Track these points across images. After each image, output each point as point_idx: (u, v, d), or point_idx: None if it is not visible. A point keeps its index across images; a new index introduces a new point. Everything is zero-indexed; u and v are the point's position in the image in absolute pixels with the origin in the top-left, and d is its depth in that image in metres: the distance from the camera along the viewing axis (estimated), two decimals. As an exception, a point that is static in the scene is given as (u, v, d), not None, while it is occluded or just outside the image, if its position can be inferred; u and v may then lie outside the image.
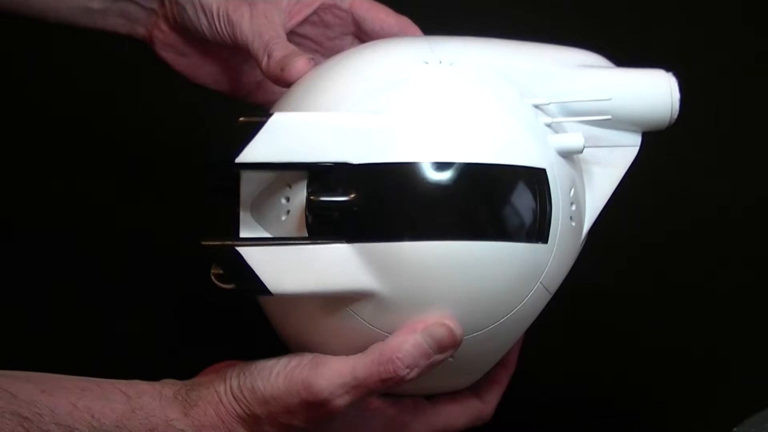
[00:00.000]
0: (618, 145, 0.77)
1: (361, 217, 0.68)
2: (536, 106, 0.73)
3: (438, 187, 0.68)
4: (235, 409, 0.72)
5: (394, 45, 0.76)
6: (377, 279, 0.69)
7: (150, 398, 0.72)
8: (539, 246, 0.70)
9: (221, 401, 0.72)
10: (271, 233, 0.72)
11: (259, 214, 0.73)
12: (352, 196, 0.69)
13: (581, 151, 0.72)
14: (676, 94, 0.76)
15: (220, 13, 0.81)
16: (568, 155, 0.73)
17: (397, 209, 0.68)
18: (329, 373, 0.70)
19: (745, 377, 1.01)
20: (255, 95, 0.88)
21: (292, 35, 0.83)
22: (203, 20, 0.82)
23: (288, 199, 0.71)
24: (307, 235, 0.70)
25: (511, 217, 0.69)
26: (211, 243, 0.69)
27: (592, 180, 0.76)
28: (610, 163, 0.77)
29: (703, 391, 1.01)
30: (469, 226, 0.68)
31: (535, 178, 0.70)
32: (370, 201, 0.69)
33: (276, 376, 0.71)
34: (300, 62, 0.77)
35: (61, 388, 0.71)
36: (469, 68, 0.73)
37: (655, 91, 0.76)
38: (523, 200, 0.70)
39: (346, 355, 0.71)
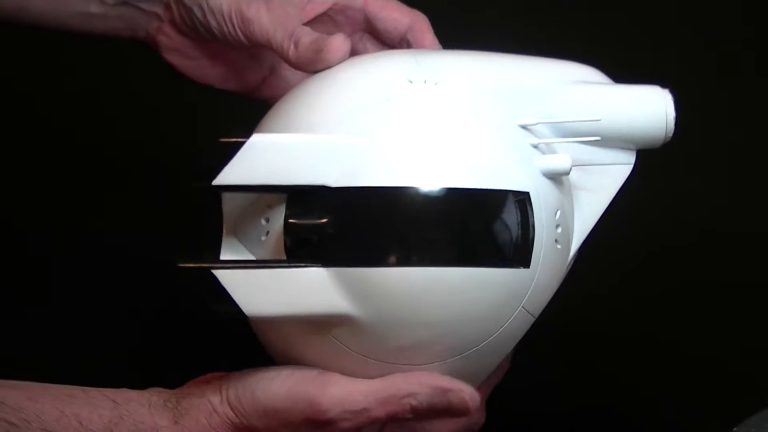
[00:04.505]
0: (611, 163, 0.75)
1: (337, 241, 0.67)
2: (524, 127, 0.72)
3: (416, 212, 0.67)
4: (231, 420, 0.71)
5: (380, 62, 0.74)
6: (353, 303, 0.68)
7: (138, 405, 0.71)
8: (521, 271, 0.69)
9: (215, 410, 0.71)
10: (252, 253, 0.71)
11: (241, 233, 0.72)
12: (329, 219, 0.68)
13: (568, 173, 0.71)
14: (672, 112, 0.74)
15: (232, 13, 0.80)
16: (555, 176, 0.71)
17: (373, 235, 0.67)
18: (338, 394, 0.69)
19: (744, 377, 1.01)
20: (260, 92, 0.87)
21: None
22: (212, 21, 0.81)
23: (268, 220, 0.70)
24: (285, 256, 0.69)
25: (491, 242, 0.68)
26: (187, 265, 0.69)
27: (582, 199, 0.75)
28: (602, 182, 0.75)
29: (703, 391, 1.01)
30: (447, 252, 0.67)
31: (518, 203, 0.69)
32: (346, 225, 0.67)
33: (279, 387, 0.70)
34: (337, 41, 0.75)
35: (48, 396, 0.70)
36: (454, 87, 0.71)
37: (649, 109, 0.74)
38: (504, 225, 0.68)
39: None
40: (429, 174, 0.67)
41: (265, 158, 0.68)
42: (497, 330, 0.70)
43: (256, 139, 0.68)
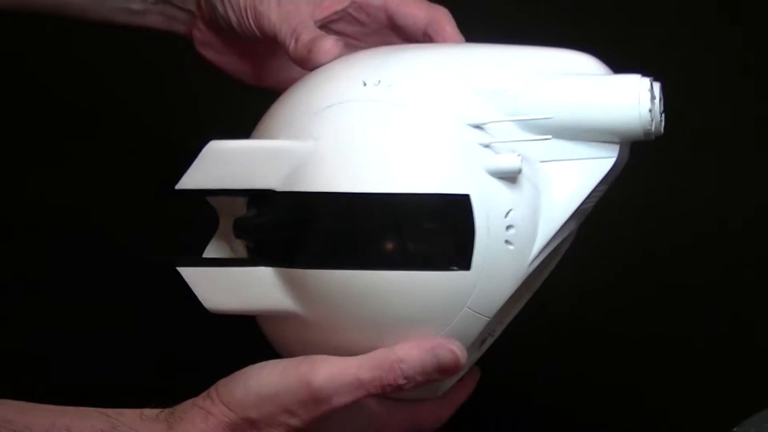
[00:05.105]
0: (590, 157, 0.73)
1: (279, 242, 0.71)
2: (477, 126, 0.71)
3: (350, 217, 0.69)
4: (228, 417, 0.71)
5: (346, 64, 0.75)
6: (296, 302, 0.71)
7: (131, 418, 0.71)
8: (462, 273, 0.69)
9: (210, 412, 0.71)
10: (234, 251, 0.75)
11: (227, 231, 0.75)
12: (270, 222, 0.71)
13: (518, 172, 0.70)
14: (646, 102, 0.71)
15: (247, 6, 0.82)
16: (506, 176, 0.70)
17: (309, 238, 0.69)
18: (329, 370, 0.70)
19: (745, 377, 1.01)
20: None
21: (327, 31, 0.82)
22: (232, 16, 0.83)
23: None
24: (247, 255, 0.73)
25: (425, 246, 0.68)
26: (154, 260, 0.73)
27: (554, 196, 0.73)
28: (578, 177, 0.73)
29: (703, 391, 1.01)
30: (383, 256, 0.68)
31: (455, 206, 0.69)
32: (285, 228, 0.70)
33: (269, 374, 0.71)
34: (327, 43, 0.77)
35: (39, 410, 0.71)
36: (406, 89, 0.71)
37: (619, 98, 0.72)
38: (440, 229, 0.69)
39: None
40: (363, 179, 0.69)
41: (220, 164, 0.71)
42: (443, 329, 0.70)
43: (211, 145, 0.71)
